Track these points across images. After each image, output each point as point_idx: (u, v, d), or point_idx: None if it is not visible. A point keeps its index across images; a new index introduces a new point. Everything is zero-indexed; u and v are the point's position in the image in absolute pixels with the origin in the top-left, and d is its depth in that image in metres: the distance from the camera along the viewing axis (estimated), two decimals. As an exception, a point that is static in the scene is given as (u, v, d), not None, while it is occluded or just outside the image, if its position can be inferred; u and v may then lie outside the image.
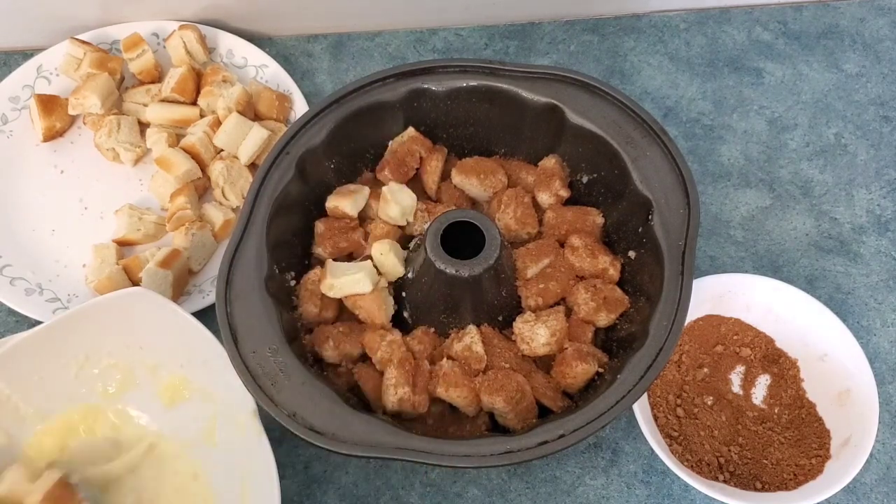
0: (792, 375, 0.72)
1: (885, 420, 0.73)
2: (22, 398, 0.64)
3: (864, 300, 0.79)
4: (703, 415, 0.69)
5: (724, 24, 0.96)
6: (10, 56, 0.90)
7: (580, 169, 0.70)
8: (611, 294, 0.64)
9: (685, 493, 0.69)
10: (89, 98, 0.80)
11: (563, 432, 0.54)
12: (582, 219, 0.68)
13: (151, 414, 0.67)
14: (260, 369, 0.56)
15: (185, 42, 0.84)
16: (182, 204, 0.76)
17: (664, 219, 0.62)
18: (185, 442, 0.66)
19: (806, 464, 0.67)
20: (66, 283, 0.76)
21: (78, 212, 0.80)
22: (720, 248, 0.81)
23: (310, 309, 0.64)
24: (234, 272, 0.60)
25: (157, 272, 0.71)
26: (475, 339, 0.62)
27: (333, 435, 0.54)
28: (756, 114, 0.90)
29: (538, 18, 0.95)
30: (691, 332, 0.73)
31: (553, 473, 0.70)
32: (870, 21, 0.96)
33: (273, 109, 0.83)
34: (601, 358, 0.62)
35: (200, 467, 0.65)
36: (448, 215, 0.61)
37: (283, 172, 0.64)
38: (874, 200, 0.85)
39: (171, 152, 0.78)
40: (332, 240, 0.67)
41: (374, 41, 0.93)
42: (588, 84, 0.67)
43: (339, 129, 0.67)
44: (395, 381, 0.59)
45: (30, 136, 0.83)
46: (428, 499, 0.69)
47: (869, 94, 0.91)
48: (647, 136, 0.65)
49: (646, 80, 0.91)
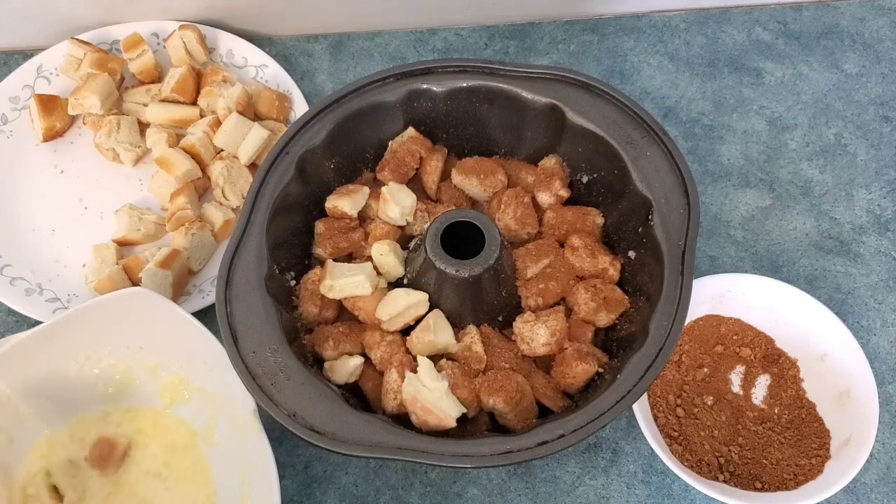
0: (792, 375, 0.72)
1: (885, 420, 0.73)
2: (22, 398, 0.64)
3: (864, 300, 0.79)
4: (703, 415, 0.69)
5: (724, 24, 0.96)
6: (10, 56, 0.90)
7: (580, 169, 0.70)
8: (611, 294, 0.64)
9: (685, 493, 0.69)
10: (89, 98, 0.80)
11: (563, 432, 0.54)
12: (582, 219, 0.68)
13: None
14: (260, 369, 0.56)
15: (185, 42, 0.84)
16: (182, 204, 0.76)
17: (664, 219, 0.62)
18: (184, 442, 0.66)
19: (806, 464, 0.67)
20: (66, 283, 0.76)
21: (78, 212, 0.80)
22: (720, 248, 0.81)
23: (310, 309, 0.64)
24: (234, 272, 0.60)
25: (156, 272, 0.71)
26: (475, 339, 0.62)
27: (333, 435, 0.54)
28: (756, 114, 0.90)
29: (538, 18, 0.95)
30: (691, 332, 0.73)
31: (553, 473, 0.70)
32: (870, 21, 0.96)
33: (273, 109, 0.83)
34: (601, 358, 0.62)
35: (200, 467, 0.65)
36: (448, 215, 0.61)
37: (283, 172, 0.64)
38: (874, 200, 0.85)
39: (171, 152, 0.78)
40: (332, 240, 0.67)
41: (374, 41, 0.93)
42: (588, 84, 0.67)
43: (339, 129, 0.67)
44: (396, 385, 0.59)
45: (30, 136, 0.83)
46: (428, 499, 0.69)
47: (869, 94, 0.91)
48: (647, 136, 0.65)
49: (646, 80, 0.91)
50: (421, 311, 0.62)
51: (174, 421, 0.67)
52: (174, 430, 0.66)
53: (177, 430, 0.66)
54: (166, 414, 0.67)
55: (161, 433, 0.66)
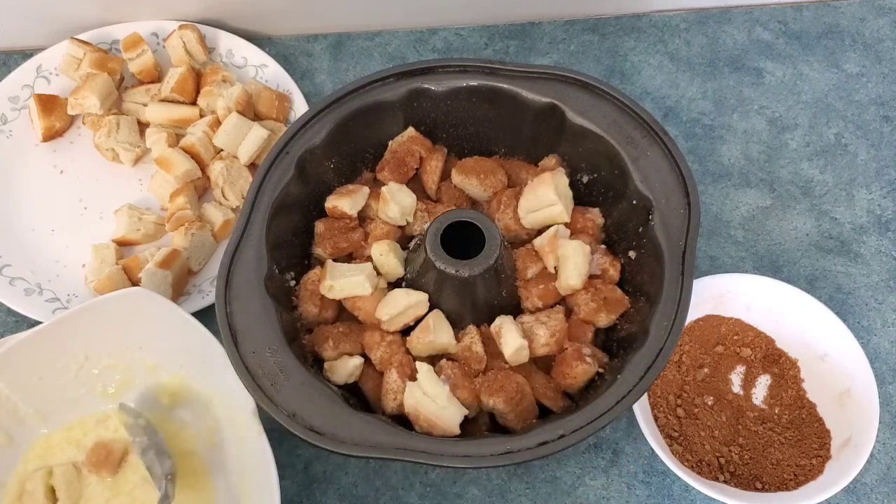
0: (792, 375, 0.72)
1: (885, 420, 0.73)
2: (21, 398, 0.64)
3: (865, 300, 0.79)
4: (704, 415, 0.69)
5: (725, 24, 0.96)
6: (10, 56, 0.90)
7: (580, 169, 0.70)
8: (611, 294, 0.64)
9: (685, 494, 0.69)
10: (89, 98, 0.80)
11: (563, 432, 0.54)
12: (582, 219, 0.68)
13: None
14: (260, 369, 0.56)
15: (185, 42, 0.84)
16: (182, 204, 0.76)
17: (664, 219, 0.62)
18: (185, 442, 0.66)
19: (806, 464, 0.67)
20: (66, 283, 0.76)
21: (78, 212, 0.80)
22: (720, 248, 0.81)
23: (310, 309, 0.64)
24: (233, 272, 0.60)
25: (156, 272, 0.71)
26: (475, 339, 0.62)
27: (333, 435, 0.54)
28: (756, 114, 0.90)
29: (538, 18, 0.95)
30: (691, 333, 0.73)
31: (553, 473, 0.70)
32: (870, 21, 0.96)
33: (273, 109, 0.83)
34: (601, 358, 0.62)
35: (200, 467, 0.65)
36: (448, 215, 0.61)
37: (283, 172, 0.64)
38: (874, 200, 0.85)
39: (170, 152, 0.78)
40: (332, 240, 0.67)
41: (374, 41, 0.93)
42: (588, 84, 0.67)
43: (339, 129, 0.67)
44: (396, 386, 0.59)
45: (29, 136, 0.83)
46: (428, 499, 0.69)
47: (869, 94, 0.91)
48: (648, 136, 0.65)
49: (646, 80, 0.91)
50: (421, 312, 0.62)
51: (173, 427, 0.67)
52: (173, 435, 0.66)
53: (176, 435, 0.66)
54: (164, 418, 0.67)
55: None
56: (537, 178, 0.65)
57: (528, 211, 0.65)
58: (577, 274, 0.62)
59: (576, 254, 0.62)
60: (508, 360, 0.61)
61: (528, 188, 0.65)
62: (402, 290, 0.63)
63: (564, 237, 0.64)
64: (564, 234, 0.64)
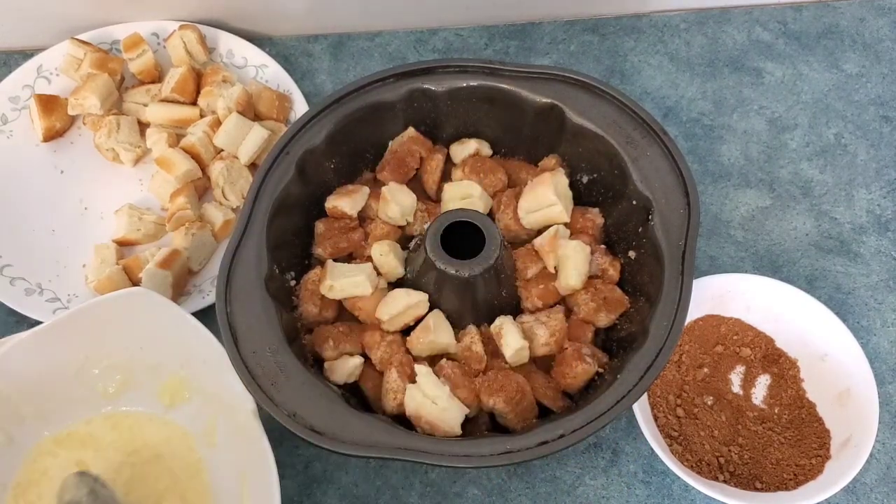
0: (792, 375, 0.72)
1: (885, 420, 0.73)
2: (22, 398, 0.64)
3: (864, 300, 0.79)
4: (703, 415, 0.69)
5: (724, 24, 0.96)
6: (10, 56, 0.90)
7: (580, 169, 0.70)
8: (611, 294, 0.64)
9: (685, 494, 0.69)
10: (89, 98, 0.80)
11: (563, 432, 0.54)
12: (582, 219, 0.68)
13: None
14: (260, 369, 0.56)
15: (185, 42, 0.84)
16: (182, 204, 0.76)
17: (664, 219, 0.62)
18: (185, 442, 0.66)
19: (806, 464, 0.67)
20: (66, 283, 0.76)
21: (78, 212, 0.80)
22: (720, 248, 0.81)
23: (310, 309, 0.64)
24: (234, 272, 0.60)
25: (156, 272, 0.71)
26: (475, 339, 0.62)
27: (333, 435, 0.54)
28: (756, 114, 0.90)
29: (538, 18, 0.95)
30: (691, 332, 0.73)
31: (553, 473, 0.70)
32: (870, 21, 0.96)
33: (273, 109, 0.83)
34: (601, 358, 0.62)
35: (200, 467, 0.65)
36: (448, 215, 0.62)
37: (283, 172, 0.64)
38: (874, 200, 0.85)
39: (171, 152, 0.78)
40: (332, 240, 0.67)
41: (374, 41, 0.93)
42: (588, 84, 0.67)
43: (339, 129, 0.67)
44: (396, 385, 0.59)
45: (30, 136, 0.83)
46: (428, 499, 0.69)
47: (869, 94, 0.91)
48: (647, 136, 0.65)
49: (646, 80, 0.91)
50: (421, 312, 0.62)
51: (172, 428, 0.67)
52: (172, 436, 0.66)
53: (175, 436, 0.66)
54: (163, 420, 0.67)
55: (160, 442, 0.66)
56: (537, 178, 0.65)
57: (527, 211, 0.65)
58: (576, 274, 0.62)
59: (576, 254, 0.62)
60: (509, 361, 0.61)
61: (528, 188, 0.66)
62: (403, 290, 0.63)
63: (564, 237, 0.64)
64: (564, 234, 0.65)
